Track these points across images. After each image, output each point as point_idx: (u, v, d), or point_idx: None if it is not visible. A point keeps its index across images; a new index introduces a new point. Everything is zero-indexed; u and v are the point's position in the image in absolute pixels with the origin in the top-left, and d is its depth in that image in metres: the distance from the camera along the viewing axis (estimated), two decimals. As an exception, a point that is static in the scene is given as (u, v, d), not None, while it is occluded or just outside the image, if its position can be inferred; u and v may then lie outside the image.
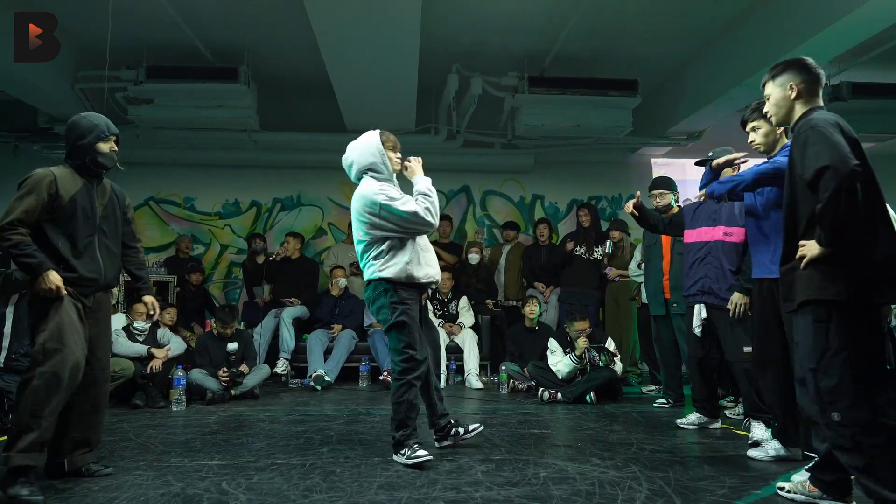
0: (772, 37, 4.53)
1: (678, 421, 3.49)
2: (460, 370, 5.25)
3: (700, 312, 3.30)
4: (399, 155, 2.87)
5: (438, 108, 6.32)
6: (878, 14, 3.78)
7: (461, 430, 2.90)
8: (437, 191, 2.82)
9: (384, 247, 2.71)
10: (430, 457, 2.56)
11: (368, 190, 2.73)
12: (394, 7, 4.00)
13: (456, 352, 5.27)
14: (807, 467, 2.14)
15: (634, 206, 3.42)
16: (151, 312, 2.73)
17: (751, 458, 2.73)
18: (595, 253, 5.55)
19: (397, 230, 2.69)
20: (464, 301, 5.62)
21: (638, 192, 3.49)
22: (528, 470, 2.52)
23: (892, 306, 3.15)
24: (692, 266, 3.36)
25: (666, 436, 3.22)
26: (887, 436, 1.80)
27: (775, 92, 2.14)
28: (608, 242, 5.39)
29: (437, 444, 2.87)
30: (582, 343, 4.34)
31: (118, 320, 4.49)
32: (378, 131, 2.84)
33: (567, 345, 4.44)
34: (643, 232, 4.49)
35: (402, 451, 2.58)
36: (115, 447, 2.92)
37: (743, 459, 2.72)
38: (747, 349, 3.06)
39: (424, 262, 2.77)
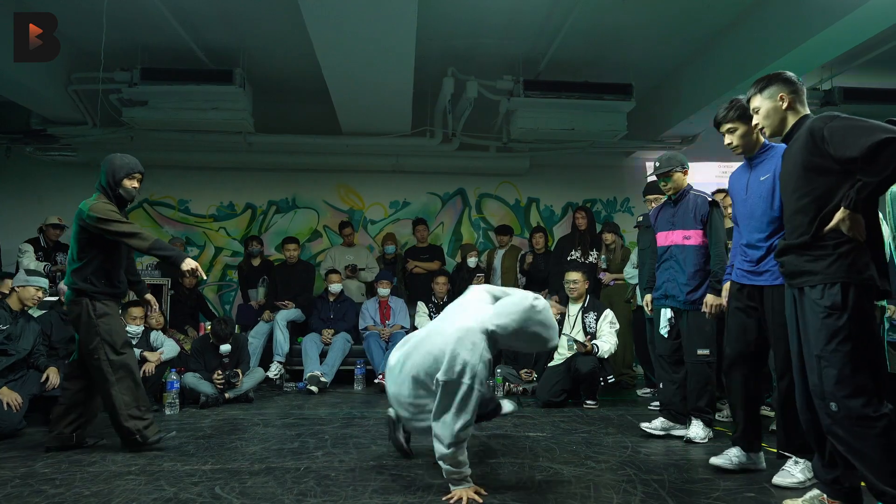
0: (765, 42, 4.56)
1: (642, 425, 3.36)
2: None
3: (666, 314, 3.34)
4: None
5: (434, 111, 6.31)
6: (868, 20, 3.81)
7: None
8: (433, 193, 2.76)
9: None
10: None
11: None
12: (389, 10, 4.00)
13: (451, 355, 5.25)
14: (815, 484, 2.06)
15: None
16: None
17: (714, 465, 2.59)
18: (590, 257, 5.58)
19: None
20: (459, 304, 5.60)
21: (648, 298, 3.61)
22: (524, 473, 2.52)
23: (892, 305, 3.17)
24: (658, 270, 3.43)
25: (661, 439, 3.23)
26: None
27: (765, 104, 2.15)
28: (602, 257, 5.42)
29: None
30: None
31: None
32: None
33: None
34: (637, 235, 4.48)
35: None
36: (108, 451, 2.90)
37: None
38: (701, 352, 3.11)
39: None
